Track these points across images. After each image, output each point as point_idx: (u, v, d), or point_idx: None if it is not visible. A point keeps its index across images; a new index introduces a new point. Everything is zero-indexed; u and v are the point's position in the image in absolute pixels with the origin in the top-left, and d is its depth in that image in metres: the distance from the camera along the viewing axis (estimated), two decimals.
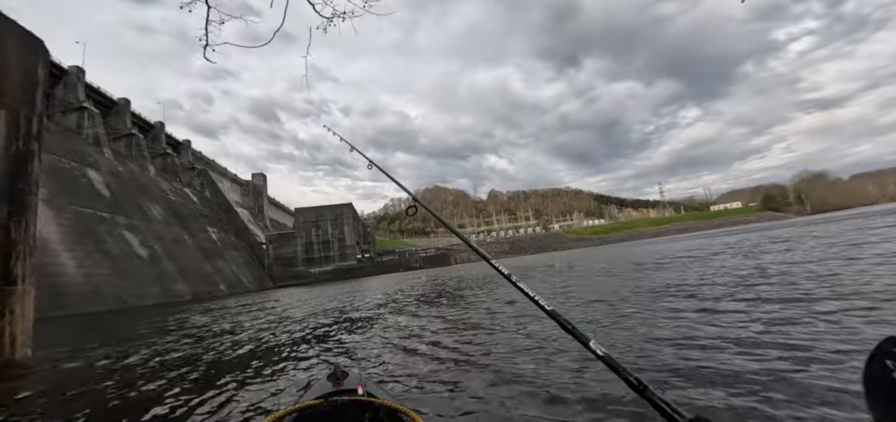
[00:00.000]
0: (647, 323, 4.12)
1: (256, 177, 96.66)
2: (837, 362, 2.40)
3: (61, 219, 32.53)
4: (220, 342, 6.28)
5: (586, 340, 0.77)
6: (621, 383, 0.70)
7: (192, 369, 4.36)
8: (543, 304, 0.89)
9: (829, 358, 2.47)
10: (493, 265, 1.12)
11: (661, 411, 0.60)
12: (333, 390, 1.55)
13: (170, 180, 60.24)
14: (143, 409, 3.06)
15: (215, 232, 59.43)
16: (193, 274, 44.90)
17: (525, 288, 0.95)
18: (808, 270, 6.26)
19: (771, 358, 2.60)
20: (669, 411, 0.59)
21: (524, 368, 3.06)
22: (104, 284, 31.92)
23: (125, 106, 57.28)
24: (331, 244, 71.64)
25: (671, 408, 0.59)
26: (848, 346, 2.63)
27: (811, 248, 9.76)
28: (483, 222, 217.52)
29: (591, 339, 0.76)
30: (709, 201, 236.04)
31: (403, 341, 4.77)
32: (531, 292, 0.94)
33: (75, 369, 5.37)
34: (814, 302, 4.01)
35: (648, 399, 0.63)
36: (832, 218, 39.23)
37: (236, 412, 2.74)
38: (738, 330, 3.36)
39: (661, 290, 6.27)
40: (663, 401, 0.61)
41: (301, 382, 3.43)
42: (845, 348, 2.60)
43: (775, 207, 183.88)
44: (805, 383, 2.17)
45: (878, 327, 2.97)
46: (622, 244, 63.37)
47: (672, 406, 0.59)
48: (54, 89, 47.30)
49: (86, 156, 42.70)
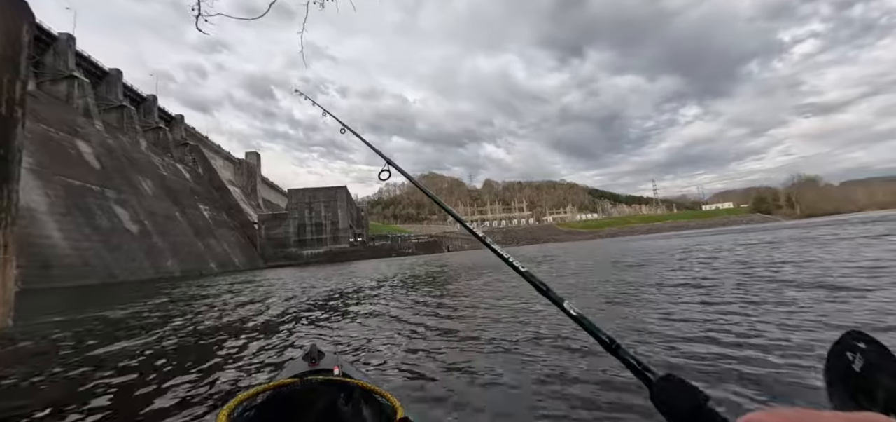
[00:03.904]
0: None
1: (250, 155, 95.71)
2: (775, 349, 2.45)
3: (49, 189, 32.05)
4: (203, 321, 6.26)
5: (560, 300, 0.77)
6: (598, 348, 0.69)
7: (171, 347, 4.34)
8: (517, 265, 0.89)
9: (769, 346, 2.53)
10: (467, 226, 1.12)
11: (633, 369, 0.61)
12: (308, 370, 1.52)
13: (162, 155, 59.46)
14: (114, 385, 3.04)
15: (207, 210, 58.98)
16: (184, 251, 44.64)
17: (499, 250, 0.96)
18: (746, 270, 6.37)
19: (714, 343, 2.65)
20: (640, 369, 0.60)
21: (500, 355, 3.09)
22: (93, 257, 31.65)
23: (117, 77, 56.12)
24: (324, 227, 71.44)
25: (642, 365, 0.60)
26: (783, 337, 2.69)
27: (773, 250, 9.92)
28: (477, 211, 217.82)
29: (565, 300, 0.76)
30: (701, 201, 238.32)
31: (384, 324, 4.80)
32: (506, 254, 0.94)
33: (56, 340, 5.33)
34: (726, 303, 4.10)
35: (621, 358, 0.63)
36: (814, 223, 39.88)
37: (210, 391, 2.74)
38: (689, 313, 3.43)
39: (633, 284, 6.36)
40: (635, 360, 0.61)
41: (277, 361, 3.43)
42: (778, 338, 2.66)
43: (766, 209, 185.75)
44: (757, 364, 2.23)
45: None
46: (613, 240, 63.92)
47: (643, 364, 0.60)
48: (43, 57, 46.20)
49: (75, 126, 41.92)
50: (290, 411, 1.21)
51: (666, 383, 0.54)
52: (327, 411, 1.24)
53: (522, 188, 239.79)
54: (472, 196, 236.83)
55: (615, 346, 0.65)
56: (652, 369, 0.59)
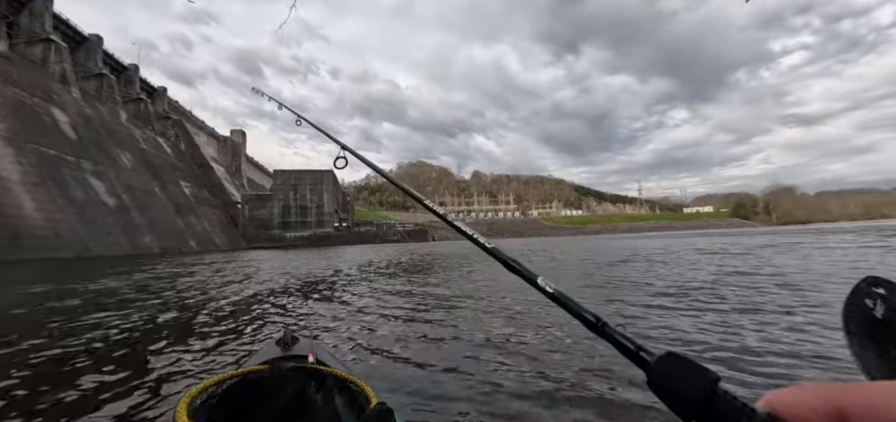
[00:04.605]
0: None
1: (235, 133, 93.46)
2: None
3: (21, 157, 30.86)
4: (177, 301, 6.19)
5: (533, 277, 0.68)
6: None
7: (140, 329, 4.29)
8: (483, 242, 0.87)
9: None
10: (439, 214, 1.09)
11: (624, 350, 0.50)
12: (281, 356, 1.47)
13: (142, 128, 57.61)
14: (75, 371, 2.97)
15: (188, 187, 57.60)
16: (163, 228, 43.63)
17: (466, 229, 0.94)
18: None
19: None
20: (634, 349, 0.49)
21: (479, 345, 3.15)
22: (66, 229, 30.70)
23: (97, 43, 53.90)
24: (309, 210, 70.58)
25: (635, 345, 0.49)
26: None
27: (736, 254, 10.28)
28: (464, 202, 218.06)
29: (538, 276, 0.67)
30: (683, 203, 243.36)
31: (364, 311, 4.81)
32: (471, 232, 0.93)
33: (17, 316, 5.22)
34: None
35: (609, 338, 0.53)
36: (785, 230, 41.11)
37: (179, 376, 2.72)
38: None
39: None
40: (626, 337, 0.51)
41: (249, 347, 3.43)
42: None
43: (744, 214, 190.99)
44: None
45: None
46: (598, 237, 64.90)
47: (636, 343, 0.49)
48: (18, 17, 44.06)
49: (51, 93, 40.25)
50: (257, 398, 1.16)
51: (667, 364, 0.44)
52: (296, 399, 1.17)
53: (510, 181, 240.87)
54: (459, 187, 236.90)
55: (602, 325, 0.55)
56: (647, 348, 0.48)
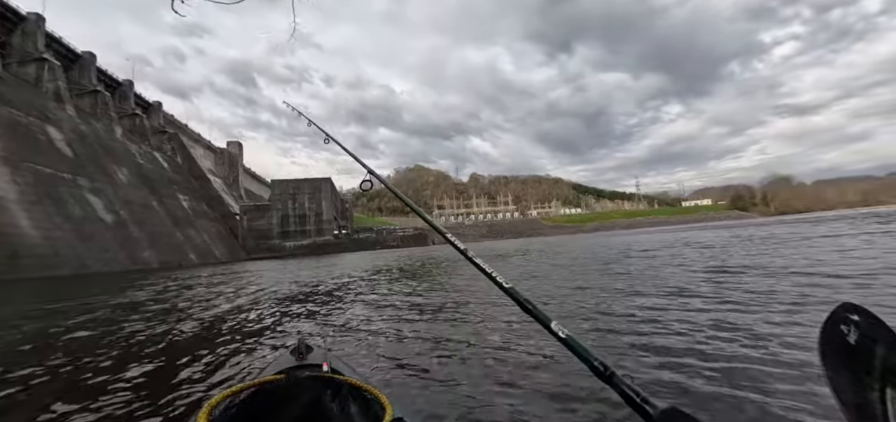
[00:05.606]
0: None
1: (231, 145, 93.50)
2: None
3: (17, 177, 30.73)
4: (184, 314, 6.12)
5: (547, 320, 0.72)
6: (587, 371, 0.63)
7: (152, 343, 4.22)
8: (501, 281, 0.86)
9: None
10: (449, 239, 1.08)
11: (629, 401, 0.54)
12: (296, 365, 1.48)
13: (138, 143, 57.57)
14: (89, 386, 2.94)
15: (186, 200, 57.49)
16: (162, 242, 43.48)
17: (482, 264, 0.92)
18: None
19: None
20: (639, 401, 0.53)
21: (489, 351, 3.09)
22: (64, 247, 30.56)
23: (90, 60, 53.92)
24: (307, 218, 70.52)
25: (640, 397, 0.53)
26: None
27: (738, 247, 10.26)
28: (462, 204, 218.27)
29: (553, 320, 0.71)
30: (681, 197, 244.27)
31: (372, 319, 4.75)
32: (489, 269, 0.91)
33: (15, 338, 5.14)
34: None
35: (615, 387, 0.56)
36: (784, 220, 41.21)
37: (195, 388, 2.67)
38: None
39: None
40: (632, 389, 0.54)
41: (264, 356, 3.37)
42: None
43: (742, 206, 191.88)
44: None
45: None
46: (597, 235, 65.00)
47: (642, 396, 0.53)
48: (10, 37, 44.04)
49: (46, 111, 40.18)
50: (273, 408, 1.17)
51: (670, 419, 0.46)
52: (313, 409, 1.19)
53: (508, 182, 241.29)
54: (458, 189, 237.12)
55: (609, 374, 0.58)
56: (652, 400, 0.51)
